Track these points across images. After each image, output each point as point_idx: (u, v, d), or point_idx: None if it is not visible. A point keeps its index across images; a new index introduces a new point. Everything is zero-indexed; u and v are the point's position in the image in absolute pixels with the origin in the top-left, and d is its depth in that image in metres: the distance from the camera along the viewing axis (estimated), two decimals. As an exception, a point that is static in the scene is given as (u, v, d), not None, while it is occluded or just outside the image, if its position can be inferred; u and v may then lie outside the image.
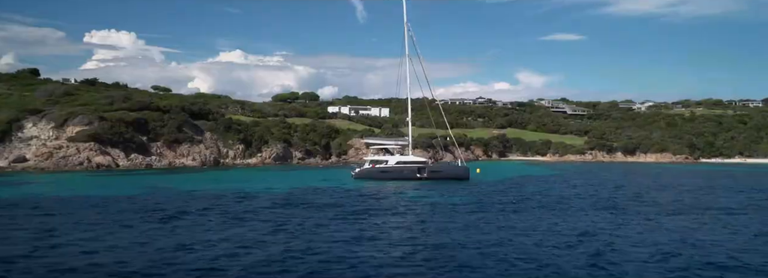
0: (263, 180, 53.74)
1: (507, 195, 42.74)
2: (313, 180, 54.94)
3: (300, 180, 55.81)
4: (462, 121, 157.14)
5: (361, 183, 52.12)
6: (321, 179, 56.91)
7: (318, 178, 58.05)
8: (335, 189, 44.74)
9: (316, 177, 59.22)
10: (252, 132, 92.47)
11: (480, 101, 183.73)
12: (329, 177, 59.10)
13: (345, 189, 45.80)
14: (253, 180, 53.56)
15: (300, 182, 52.66)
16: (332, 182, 53.05)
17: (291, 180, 55.67)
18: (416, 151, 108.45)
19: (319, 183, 52.11)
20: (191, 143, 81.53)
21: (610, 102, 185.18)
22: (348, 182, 53.67)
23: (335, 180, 55.14)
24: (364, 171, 57.24)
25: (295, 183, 51.61)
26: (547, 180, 61.49)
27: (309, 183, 50.94)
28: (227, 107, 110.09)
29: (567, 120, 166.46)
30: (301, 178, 57.88)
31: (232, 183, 49.50)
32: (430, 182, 54.47)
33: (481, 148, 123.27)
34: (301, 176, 61.50)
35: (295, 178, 57.77)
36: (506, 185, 53.30)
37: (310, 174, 64.30)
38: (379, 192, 42.98)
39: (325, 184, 50.18)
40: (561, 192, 45.61)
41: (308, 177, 60.45)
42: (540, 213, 31.13)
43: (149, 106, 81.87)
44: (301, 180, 54.73)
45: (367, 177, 56.40)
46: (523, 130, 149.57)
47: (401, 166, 57.40)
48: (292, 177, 58.95)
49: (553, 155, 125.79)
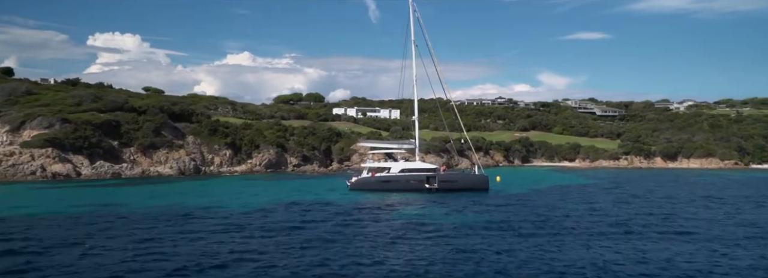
0: (239, 193, 46.78)
1: (541, 213, 35.14)
2: (300, 192, 47.87)
3: (284, 191, 48.75)
4: (480, 123, 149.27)
5: (355, 196, 44.94)
6: (310, 190, 49.84)
7: (307, 189, 51.00)
8: (319, 205, 37.61)
9: (305, 188, 52.16)
10: (241, 135, 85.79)
11: (500, 101, 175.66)
12: (321, 188, 52.03)
13: (332, 204, 38.67)
14: (225, 193, 46.64)
15: (282, 194, 45.59)
16: (322, 194, 45.96)
17: (273, 191, 48.64)
18: (428, 157, 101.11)
19: (305, 195, 45.02)
20: (170, 148, 75.07)
21: (644, 102, 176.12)
22: (341, 194, 46.50)
23: (326, 192, 48.06)
24: (361, 181, 50.12)
25: (276, 196, 44.57)
26: (584, 191, 53.74)
27: (292, 197, 43.87)
28: (217, 108, 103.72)
29: (597, 121, 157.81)
30: (286, 189, 50.84)
31: (198, 198, 42.60)
32: (441, 194, 47.17)
33: (501, 153, 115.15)
34: (288, 186, 54.47)
35: (280, 189, 50.73)
36: (536, 198, 45.75)
37: (300, 185, 57.25)
38: (372, 209, 35.75)
39: (311, 197, 43.07)
40: (612, 209, 37.82)
41: (296, 187, 53.40)
42: (601, 243, 23.56)
43: (123, 106, 75.57)
44: (284, 192, 47.67)
45: (365, 188, 49.29)
46: (548, 133, 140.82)
47: (406, 175, 50.20)
48: (277, 189, 51.91)
49: (583, 160, 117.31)
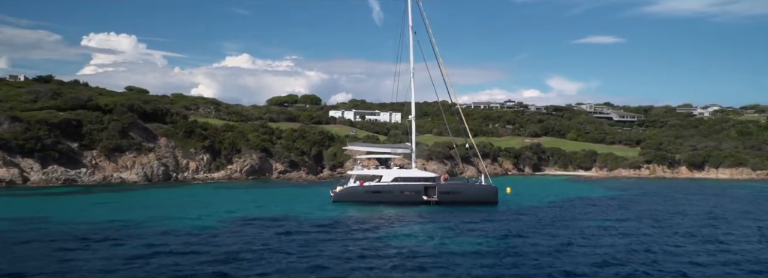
0: (197, 205, 40.69)
1: (564, 238, 28.87)
2: (271, 205, 41.76)
3: (253, 203, 42.62)
4: (487, 127, 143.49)
5: (337, 210, 38.80)
6: (285, 202, 43.76)
7: (282, 201, 44.92)
8: (285, 222, 31.52)
9: (281, 199, 46.10)
10: (221, 138, 79.74)
11: (509, 105, 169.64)
12: (299, 199, 45.96)
13: (302, 221, 32.53)
14: (180, 205, 40.56)
15: (248, 208, 39.47)
16: (296, 208, 39.86)
17: (239, 203, 42.51)
18: (429, 164, 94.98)
19: (275, 209, 38.93)
20: (138, 152, 69.14)
21: (665, 107, 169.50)
22: (320, 207, 40.35)
23: (303, 205, 42.00)
24: (347, 192, 44.03)
25: (240, 209, 38.47)
26: (610, 205, 47.40)
27: (259, 211, 37.77)
28: (198, 108, 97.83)
29: (614, 127, 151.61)
30: (258, 201, 44.73)
31: (143, 211, 36.60)
32: (442, 209, 41.06)
33: (510, 160, 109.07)
34: (262, 197, 48.35)
35: (249, 201, 44.60)
36: (554, 215, 39.55)
37: (277, 195, 51.14)
38: (350, 231, 29.59)
39: (281, 212, 36.95)
40: (651, 234, 31.47)
41: (272, 198, 47.30)
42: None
43: (86, 104, 69.71)
44: (253, 205, 41.55)
45: (351, 200, 43.25)
46: (561, 139, 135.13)
47: (400, 185, 44.09)
48: (246, 200, 45.78)
49: (601, 169, 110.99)
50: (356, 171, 47.18)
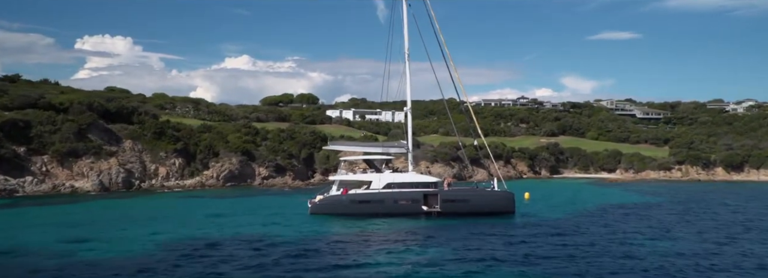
0: (137, 221, 33.54)
1: (610, 266, 21.47)
2: (232, 220, 34.68)
3: (210, 219, 35.56)
4: (499, 127, 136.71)
5: (311, 228, 31.73)
6: (251, 216, 36.54)
7: (249, 214, 37.81)
8: (231, 249, 24.38)
9: (248, 212, 39.04)
10: (197, 140, 72.74)
11: (522, 102, 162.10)
12: (272, 212, 38.97)
13: (257, 246, 25.35)
14: (114, 222, 33.28)
15: (201, 225, 32.37)
16: (263, 224, 32.79)
17: (192, 219, 35.45)
18: (434, 167, 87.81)
19: (234, 226, 31.74)
20: (96, 157, 62.19)
21: (693, 102, 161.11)
22: (293, 223, 33.22)
23: (275, 219, 35.00)
24: (328, 202, 36.93)
25: (190, 226, 31.40)
26: (655, 216, 39.79)
27: (210, 229, 30.58)
28: (174, 107, 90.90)
29: (638, 125, 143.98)
30: (219, 215, 37.58)
31: (60, 230, 29.43)
32: (446, 222, 33.96)
33: (525, 162, 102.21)
34: (227, 209, 41.42)
35: (208, 216, 37.55)
36: (592, 230, 32.00)
37: (248, 205, 44.19)
38: (319, 262, 22.26)
39: (237, 231, 29.71)
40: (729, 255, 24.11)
41: (238, 210, 40.45)
42: None
43: (37, 102, 62.86)
44: (209, 221, 34.51)
45: (332, 212, 36.27)
46: (580, 138, 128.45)
47: (394, 192, 37.00)
48: (206, 213, 38.84)
49: (626, 171, 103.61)
50: (339, 176, 39.94)
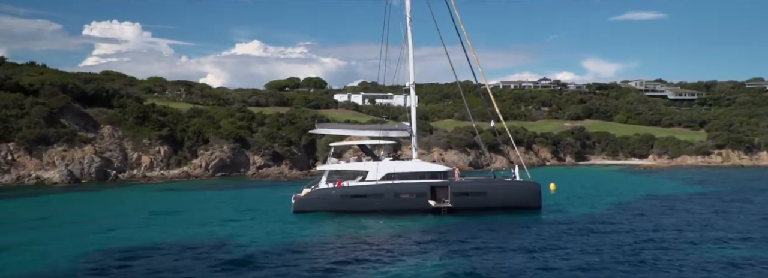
0: (81, 222, 28.33)
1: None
2: (196, 219, 29.46)
3: (170, 217, 30.38)
4: (519, 110, 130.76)
5: (291, 231, 26.71)
6: (222, 213, 31.33)
7: (222, 210, 32.59)
8: (171, 260, 18.92)
9: (222, 208, 33.83)
10: (185, 126, 67.78)
11: (544, 84, 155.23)
12: (250, 208, 33.61)
13: (210, 258, 20.03)
14: (56, 223, 28.18)
15: (148, 226, 26.91)
16: (230, 225, 27.70)
17: (146, 218, 30.17)
18: (448, 153, 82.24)
19: (193, 226, 26.27)
20: (70, 144, 57.45)
21: (730, 82, 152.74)
22: (270, 224, 28.02)
23: (249, 217, 29.86)
24: (315, 197, 31.67)
25: (127, 229, 25.93)
26: (705, 212, 33.95)
27: (165, 231, 25.18)
28: (164, 90, 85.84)
29: (670, 107, 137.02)
30: (183, 212, 32.55)
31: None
32: (457, 221, 28.61)
33: (548, 148, 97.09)
34: (199, 204, 36.59)
35: (170, 213, 32.34)
36: (635, 231, 26.33)
37: (227, 200, 39.22)
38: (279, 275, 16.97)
39: (192, 236, 24.41)
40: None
41: (210, 206, 35.03)
42: None
43: (2, 84, 58.12)
44: (160, 220, 29.01)
45: (319, 209, 30.99)
46: (607, 122, 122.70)
47: (395, 185, 31.61)
48: (169, 209, 33.57)
49: (660, 157, 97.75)
50: (328, 165, 34.40)
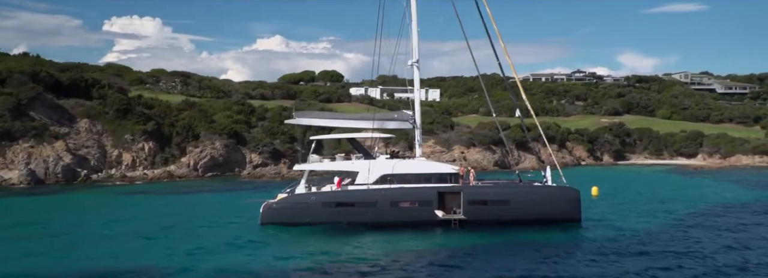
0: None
1: None
2: (106, 241, 23.12)
3: (97, 236, 24.19)
4: (551, 105, 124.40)
5: (235, 253, 20.55)
6: (171, 230, 25.50)
7: (173, 225, 26.75)
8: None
9: (175, 221, 27.94)
10: (173, 120, 62.29)
11: (578, 77, 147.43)
12: (208, 220, 27.22)
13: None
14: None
15: (55, 250, 20.95)
16: (162, 253, 21.28)
17: (61, 239, 24.09)
18: (471, 151, 75.44)
19: (105, 257, 20.28)
20: (38, 139, 52.28)
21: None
22: (215, 243, 21.93)
23: (196, 234, 23.59)
24: (288, 205, 25.52)
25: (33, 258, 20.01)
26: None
27: (89, 259, 19.22)
28: (157, 81, 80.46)
29: (719, 101, 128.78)
30: (115, 220, 26.25)
31: None
32: (473, 238, 22.82)
33: (583, 146, 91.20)
34: (138, 213, 30.09)
35: (97, 231, 26.08)
36: (710, 254, 19.41)
37: (188, 208, 32.96)
38: None
39: (83, 266, 18.12)
40: None
41: (152, 216, 28.84)
42: None
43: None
44: (100, 236, 23.18)
45: (294, 222, 24.85)
46: (649, 118, 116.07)
47: (393, 191, 25.49)
48: (102, 222, 27.36)
49: (710, 156, 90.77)
50: (308, 164, 28.10)
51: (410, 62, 28.22)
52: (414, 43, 28.16)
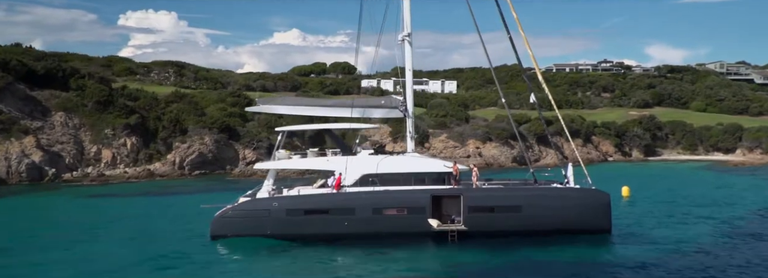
0: None
1: None
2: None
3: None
4: (575, 97, 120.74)
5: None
6: (125, 236, 20.99)
7: (127, 232, 22.19)
8: None
9: (135, 227, 23.43)
10: (159, 113, 58.48)
11: (604, 67, 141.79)
12: (151, 235, 22.98)
13: None
14: None
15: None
16: (115, 258, 16.91)
17: None
18: (487, 146, 70.57)
19: None
20: (6, 134, 48.85)
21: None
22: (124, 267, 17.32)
23: (154, 245, 19.20)
24: (244, 213, 20.75)
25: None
26: None
27: None
28: (149, 72, 76.57)
29: (758, 93, 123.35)
30: (75, 230, 22.46)
31: None
32: (475, 256, 18.54)
33: (611, 141, 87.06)
34: (103, 219, 26.25)
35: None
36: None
37: (158, 209, 28.82)
38: None
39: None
40: None
41: (119, 224, 24.95)
42: None
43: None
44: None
45: (251, 233, 20.07)
46: (683, 110, 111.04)
47: (375, 194, 20.83)
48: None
49: (752, 151, 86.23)
50: (275, 162, 23.70)
51: (400, 36, 23.52)
52: (405, 12, 23.39)
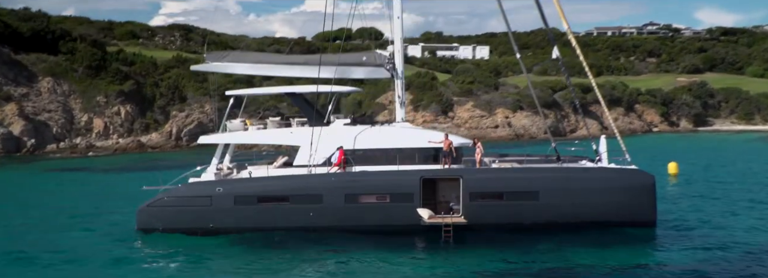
0: None
1: None
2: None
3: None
4: (617, 63, 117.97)
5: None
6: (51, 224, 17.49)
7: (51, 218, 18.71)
8: None
9: (67, 209, 19.93)
10: (157, 79, 55.44)
11: (650, 30, 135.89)
12: (91, 212, 19.35)
13: None
14: None
15: None
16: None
17: None
18: (518, 116, 65.82)
19: None
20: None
21: None
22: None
23: (68, 236, 15.47)
24: (179, 202, 16.88)
25: None
26: None
27: None
28: (153, 36, 73.19)
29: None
30: None
31: None
32: (478, 258, 14.37)
33: (656, 109, 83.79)
34: (47, 199, 22.76)
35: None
36: None
37: (113, 187, 25.51)
38: None
39: None
40: None
41: (56, 205, 21.34)
42: None
43: None
44: None
45: (188, 226, 15.92)
46: (737, 76, 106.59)
47: (350, 176, 16.70)
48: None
49: None
50: (225, 133, 19.70)
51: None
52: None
